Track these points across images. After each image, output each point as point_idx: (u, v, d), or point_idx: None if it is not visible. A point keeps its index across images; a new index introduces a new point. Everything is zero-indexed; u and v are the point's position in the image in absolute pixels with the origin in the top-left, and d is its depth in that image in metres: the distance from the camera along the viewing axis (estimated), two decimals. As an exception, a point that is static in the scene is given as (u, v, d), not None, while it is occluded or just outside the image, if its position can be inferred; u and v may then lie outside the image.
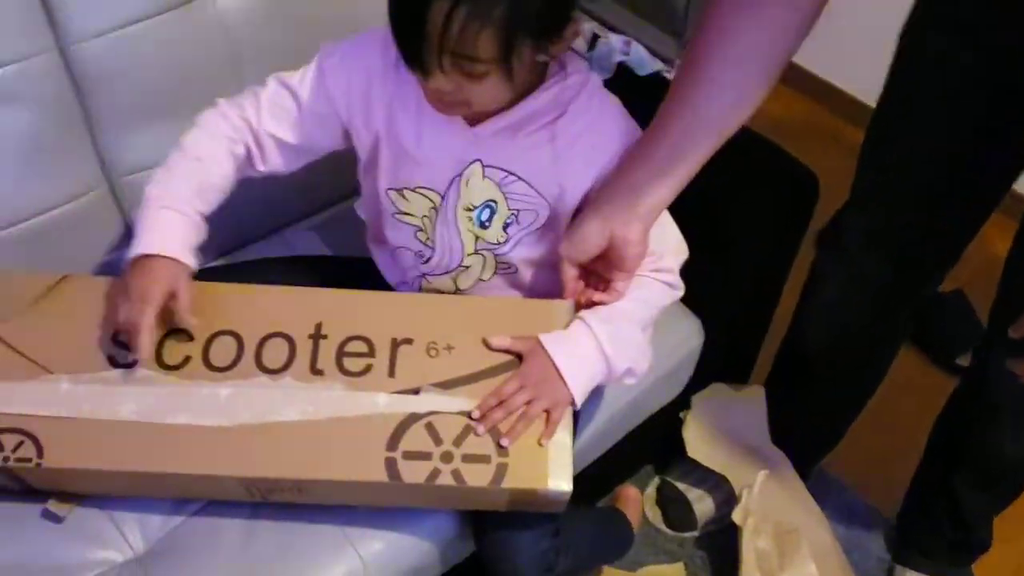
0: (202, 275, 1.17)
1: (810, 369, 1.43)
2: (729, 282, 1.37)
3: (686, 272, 1.19)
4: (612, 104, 1.04)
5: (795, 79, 2.37)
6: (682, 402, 1.47)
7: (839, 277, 1.30)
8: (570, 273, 1.00)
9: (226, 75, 1.22)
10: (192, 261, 0.98)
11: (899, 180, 1.16)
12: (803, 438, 1.54)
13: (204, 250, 1.29)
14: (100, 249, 1.22)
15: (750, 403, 1.52)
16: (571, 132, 1.00)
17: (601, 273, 1.01)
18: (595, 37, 1.50)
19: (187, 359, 0.98)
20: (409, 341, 0.99)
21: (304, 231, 1.39)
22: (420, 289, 1.13)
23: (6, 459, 0.93)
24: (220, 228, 1.29)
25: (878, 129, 1.18)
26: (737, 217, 1.32)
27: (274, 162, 1.07)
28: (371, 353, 0.98)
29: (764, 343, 1.56)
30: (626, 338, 1.01)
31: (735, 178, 1.32)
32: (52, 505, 1.01)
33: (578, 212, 1.02)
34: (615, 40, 1.48)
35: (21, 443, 0.93)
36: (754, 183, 1.31)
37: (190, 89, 1.20)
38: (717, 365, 1.46)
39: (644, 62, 1.46)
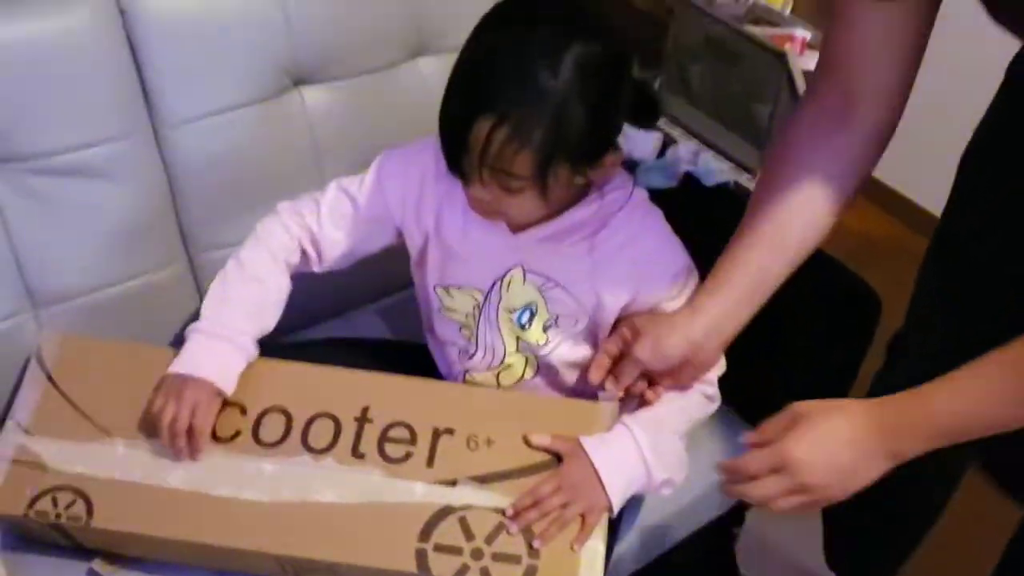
0: (265, 351, 1.22)
1: (867, 495, 1.38)
2: (788, 398, 1.35)
3: (746, 386, 1.18)
4: (655, 221, 1.06)
5: (878, 195, 2.36)
6: (736, 517, 1.44)
7: None
8: (629, 373, 0.99)
9: (307, 165, 1.29)
10: (230, 386, 1.02)
11: (962, 299, 1.14)
12: (860, 565, 1.48)
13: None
14: (173, 320, 1.27)
15: (806, 524, 1.47)
16: (610, 246, 1.02)
17: (650, 376, 1.01)
18: (665, 144, 1.53)
19: (237, 432, 1.01)
20: (451, 432, 1.01)
21: (368, 314, 1.43)
22: (465, 383, 1.14)
23: (58, 516, 0.97)
24: (287, 308, 1.35)
25: (939, 247, 1.17)
26: (797, 332, 1.30)
27: (331, 262, 1.13)
28: (412, 441, 1.00)
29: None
30: (667, 447, 1.00)
31: (797, 294, 1.31)
32: (97, 564, 1.04)
33: (616, 324, 1.05)
34: (683, 150, 1.51)
35: (74, 501, 0.97)
36: (816, 300, 1.30)
37: (272, 176, 1.27)
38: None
39: (711, 173, 1.48)
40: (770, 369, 1.32)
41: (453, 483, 0.97)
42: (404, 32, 1.32)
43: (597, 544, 0.95)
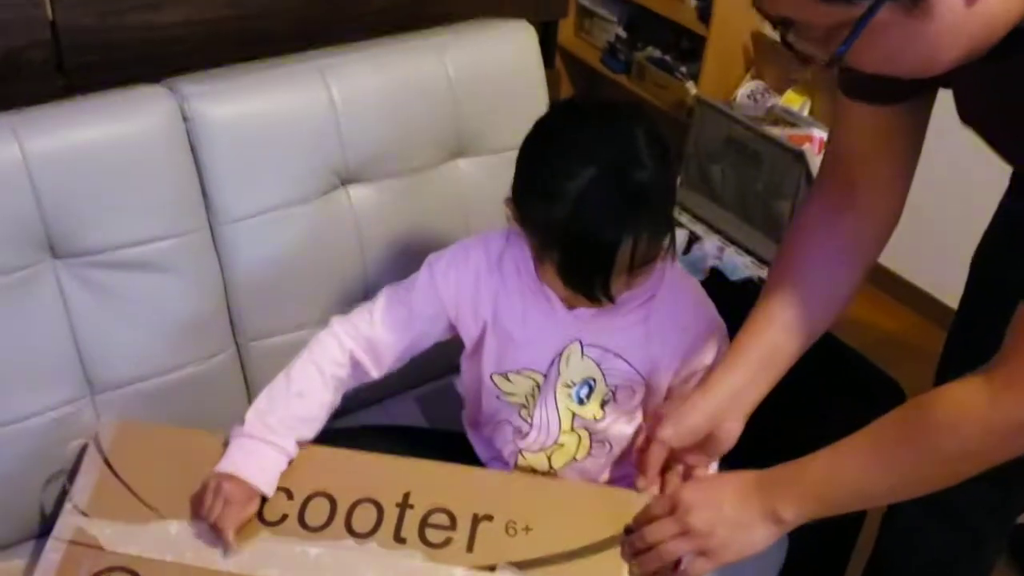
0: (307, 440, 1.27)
1: (893, 583, 1.40)
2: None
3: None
4: (693, 285, 1.13)
5: (906, 294, 2.40)
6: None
7: (919, 502, 1.29)
8: (656, 457, 1.02)
9: (352, 258, 1.36)
10: (269, 488, 1.07)
11: None
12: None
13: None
14: (222, 405, 1.32)
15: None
16: (662, 311, 1.07)
17: (680, 458, 1.05)
18: (691, 242, 1.59)
19: (284, 517, 1.05)
20: (490, 518, 1.04)
21: (405, 402, 1.47)
22: (515, 465, 1.17)
23: None
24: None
25: (950, 347, 1.21)
26: (820, 425, 1.33)
27: (387, 367, 1.16)
28: (452, 526, 1.03)
29: (854, 552, 1.52)
30: None
31: (819, 387, 1.35)
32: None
33: (668, 393, 1.09)
34: (709, 246, 1.57)
35: None
36: (838, 392, 1.34)
37: (319, 268, 1.34)
38: (804, 567, 1.44)
39: (736, 268, 1.53)
40: (784, 456, 1.35)
41: (492, 568, 1.01)
42: (444, 136, 1.40)
43: None
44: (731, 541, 0.94)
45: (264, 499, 1.07)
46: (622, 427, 1.14)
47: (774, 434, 1.30)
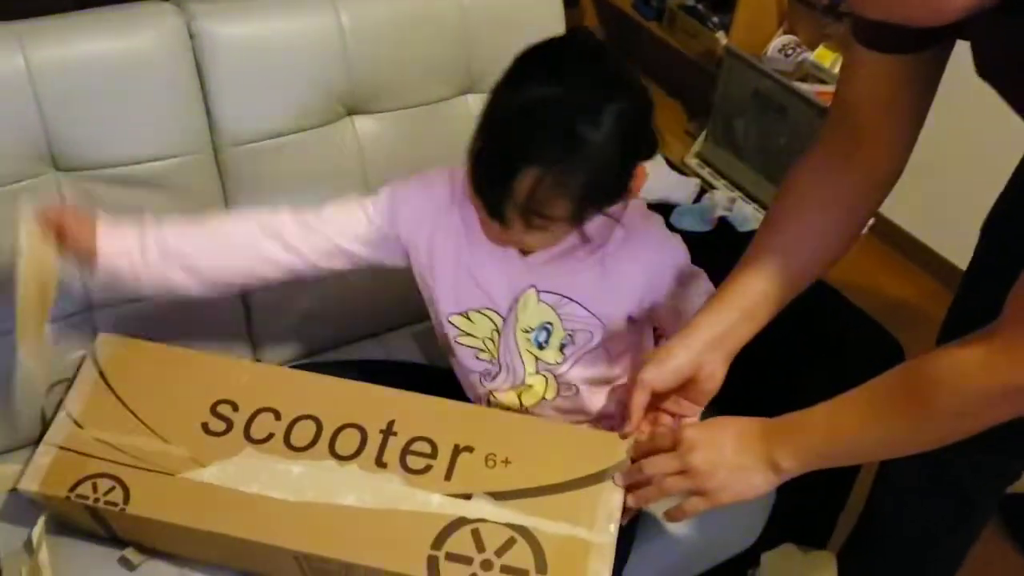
0: (303, 368, 1.28)
1: (883, 542, 1.40)
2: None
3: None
4: (653, 222, 1.11)
5: (926, 259, 2.37)
6: (751, 558, 1.45)
7: (914, 462, 1.28)
8: (639, 401, 1.02)
9: (356, 186, 1.35)
10: (105, 229, 1.06)
11: None
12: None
13: (309, 345, 1.41)
14: (215, 325, 1.34)
15: (820, 569, 1.48)
16: (620, 254, 1.07)
17: (664, 406, 1.05)
18: (702, 191, 1.57)
19: (270, 435, 1.07)
20: (470, 449, 1.05)
21: (402, 337, 1.48)
22: (489, 405, 1.19)
23: (96, 500, 1.03)
24: (324, 326, 1.42)
25: (956, 311, 1.19)
26: (819, 380, 1.32)
27: (322, 259, 1.13)
28: (433, 455, 1.04)
29: (844, 510, 1.53)
30: None
31: (820, 341, 1.34)
32: (129, 553, 1.10)
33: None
34: (719, 196, 1.55)
35: (112, 488, 1.03)
36: (837, 348, 1.33)
37: (323, 194, 1.32)
38: (791, 526, 1.44)
39: (746, 219, 1.51)
40: (779, 403, 1.34)
41: (469, 496, 1.01)
42: (454, 70, 1.38)
43: (602, 567, 0.98)
44: (730, 483, 0.95)
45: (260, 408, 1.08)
46: (584, 370, 1.14)
47: (770, 387, 1.30)
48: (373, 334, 1.48)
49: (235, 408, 1.09)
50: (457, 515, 1.00)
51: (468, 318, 1.13)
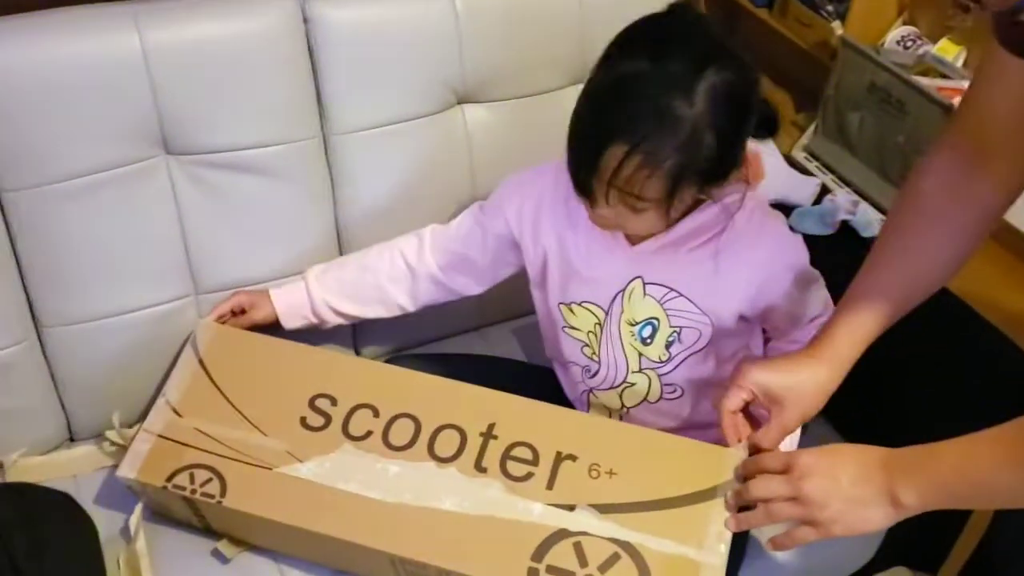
0: (402, 359, 1.26)
1: (1001, 573, 1.31)
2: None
3: (880, 441, 1.13)
4: (774, 220, 1.06)
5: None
6: (862, 580, 1.39)
7: None
8: (733, 404, 0.98)
9: (463, 176, 1.33)
10: (285, 308, 1.19)
11: None
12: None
13: (410, 338, 1.39)
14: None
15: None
16: (734, 248, 1.02)
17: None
18: (824, 191, 1.50)
19: (368, 433, 1.05)
20: (573, 458, 1.01)
21: (503, 331, 1.45)
22: (588, 404, 1.15)
23: (193, 491, 1.02)
24: (426, 319, 1.39)
25: None
26: (947, 398, 1.25)
27: (471, 282, 1.19)
28: (535, 462, 1.01)
29: (963, 534, 1.44)
30: None
31: (951, 359, 1.26)
32: (222, 545, 1.10)
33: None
34: (842, 198, 1.47)
35: (209, 480, 1.03)
36: (970, 366, 1.25)
37: (428, 189, 1.31)
38: (903, 547, 1.37)
39: (870, 224, 1.43)
40: (915, 434, 1.27)
41: (572, 508, 0.98)
42: (569, 59, 1.34)
43: None
44: (844, 516, 0.88)
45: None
46: (690, 371, 1.09)
47: (885, 404, 1.23)
48: (475, 328, 1.45)
49: (334, 403, 1.07)
50: (559, 526, 0.97)
51: (572, 311, 1.10)
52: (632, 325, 1.07)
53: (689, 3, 0.96)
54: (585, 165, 0.92)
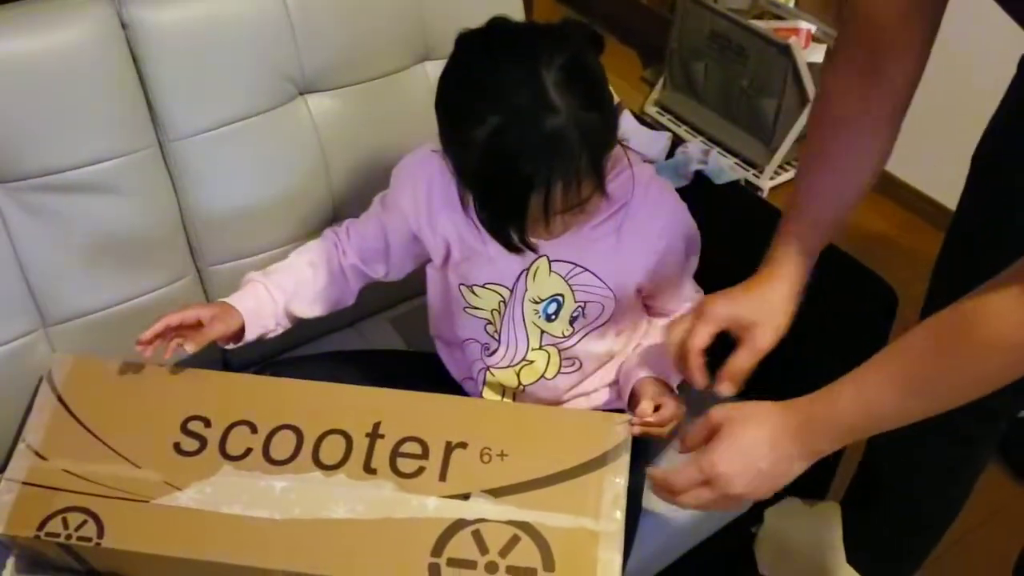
0: (275, 365, 1.22)
1: (885, 490, 1.38)
2: (804, 394, 1.34)
3: (761, 382, 1.16)
4: (668, 191, 1.08)
5: (893, 190, 2.34)
6: (754, 516, 1.43)
7: None
8: (701, 342, 0.98)
9: (317, 174, 1.28)
10: (252, 317, 1.10)
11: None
12: (879, 561, 1.47)
13: (281, 342, 1.34)
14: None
15: (825, 520, 1.46)
16: (634, 221, 1.03)
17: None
18: (674, 145, 1.52)
19: (248, 451, 1.01)
20: (464, 445, 1.00)
21: (379, 323, 1.42)
22: (484, 383, 1.14)
23: (68, 537, 0.96)
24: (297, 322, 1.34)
25: (950, 246, 1.16)
26: (813, 329, 1.29)
27: (387, 271, 1.17)
28: (424, 455, 0.99)
29: (842, 459, 1.51)
30: None
31: (812, 290, 1.30)
32: (108, 586, 1.04)
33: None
34: (693, 149, 1.49)
35: (84, 522, 0.97)
36: (832, 296, 1.29)
37: (281, 186, 1.26)
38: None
39: (722, 172, 1.46)
40: (786, 367, 1.31)
41: (466, 496, 0.97)
42: (409, 38, 1.31)
43: (613, 555, 0.95)
44: (771, 485, 0.90)
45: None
46: (591, 344, 1.10)
47: (799, 365, 1.26)
48: (349, 324, 1.42)
49: (207, 424, 1.03)
50: (456, 517, 0.95)
51: (474, 292, 1.09)
52: (536, 303, 1.07)
53: (466, 33, 0.94)
54: (511, 218, 0.90)
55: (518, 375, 1.12)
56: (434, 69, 1.34)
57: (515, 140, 0.85)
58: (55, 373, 1.08)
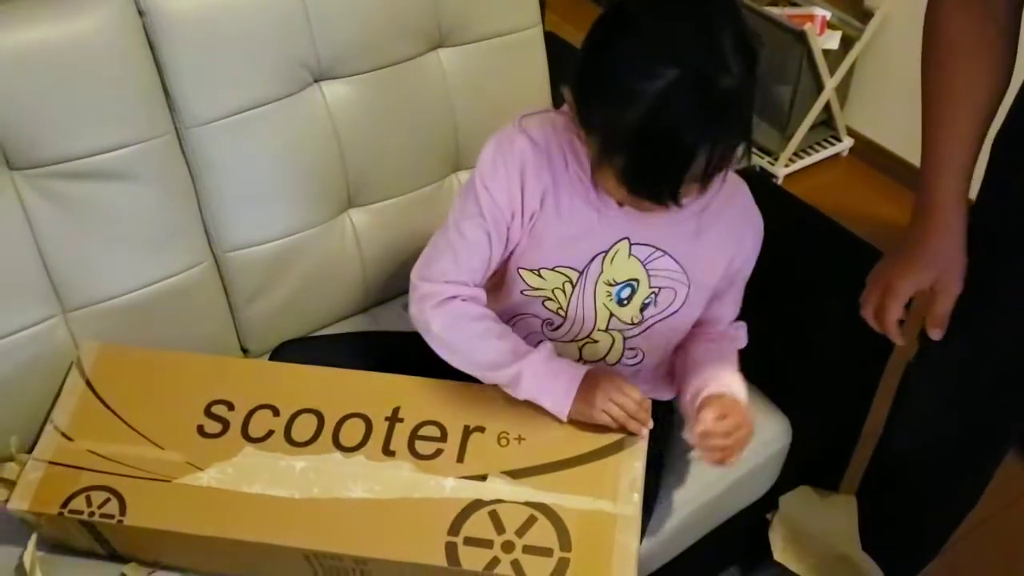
0: (292, 346, 1.22)
1: (902, 479, 1.37)
2: (818, 383, 1.34)
3: (775, 370, 1.16)
4: (744, 185, 1.06)
5: (912, 179, 2.32)
6: (769, 503, 1.43)
7: (930, 394, 1.25)
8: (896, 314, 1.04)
9: (332, 161, 1.29)
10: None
11: (996, 289, 1.12)
12: (897, 549, 1.46)
13: (297, 328, 1.35)
14: (201, 320, 1.28)
15: (840, 509, 1.46)
16: (715, 205, 1.01)
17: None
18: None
19: (270, 432, 1.02)
20: (481, 429, 1.01)
21: (393, 308, 1.42)
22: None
23: (91, 514, 0.98)
24: (311, 306, 1.36)
25: (972, 234, 1.15)
26: (828, 317, 1.29)
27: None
28: (443, 438, 1.00)
29: (857, 448, 1.50)
30: None
31: (828, 279, 1.30)
32: (129, 569, 1.06)
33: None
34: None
35: (107, 500, 0.99)
36: (848, 285, 1.29)
37: (296, 173, 1.27)
38: (806, 468, 1.42)
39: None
40: (801, 355, 1.31)
41: (483, 478, 0.97)
42: (423, 24, 1.31)
43: (630, 538, 0.95)
44: None
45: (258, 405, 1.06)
46: (657, 338, 1.09)
47: (782, 329, 1.26)
48: (363, 310, 1.42)
49: (230, 408, 1.04)
50: (473, 498, 0.96)
51: (539, 275, 1.05)
52: (611, 285, 1.04)
53: None
54: (670, 178, 0.86)
55: (580, 350, 1.10)
56: (447, 57, 1.35)
57: (691, 97, 0.82)
58: (84, 359, 1.11)
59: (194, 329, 1.27)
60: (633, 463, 0.97)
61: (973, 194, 1.13)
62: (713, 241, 1.03)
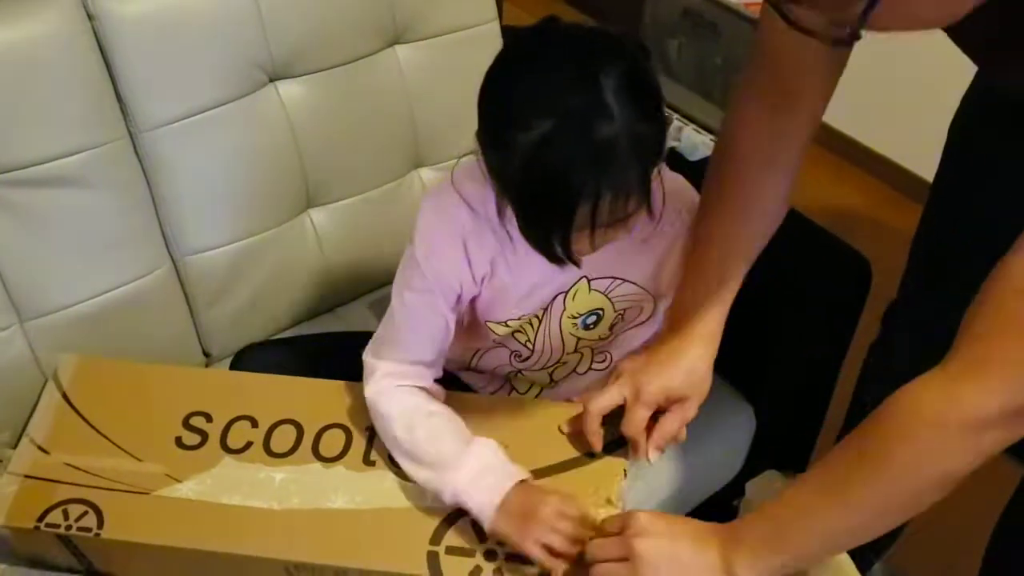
0: (255, 349, 1.20)
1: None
2: (781, 369, 1.36)
3: (741, 360, 1.17)
4: (685, 186, 1.04)
5: (868, 162, 2.37)
6: (736, 490, 1.45)
7: (888, 379, 1.27)
8: (641, 418, 0.95)
9: (290, 162, 1.27)
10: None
11: (957, 267, 1.14)
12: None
13: (261, 331, 1.33)
14: (161, 325, 1.26)
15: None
16: (664, 221, 0.99)
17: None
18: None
19: (249, 444, 1.01)
20: None
21: (357, 308, 1.41)
22: (509, 381, 1.13)
23: (68, 528, 0.96)
24: (274, 309, 1.33)
25: (928, 220, 1.17)
26: (789, 304, 1.31)
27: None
28: None
29: (821, 432, 1.53)
30: None
31: (787, 265, 1.32)
32: (108, 588, 1.04)
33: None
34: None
35: (85, 513, 0.97)
36: (806, 270, 1.31)
37: (254, 175, 1.25)
38: (772, 454, 1.44)
39: (696, 148, 1.47)
40: (763, 342, 1.33)
41: None
42: (379, 21, 1.29)
43: None
44: None
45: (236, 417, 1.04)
46: (628, 341, 1.09)
47: (741, 315, 1.28)
48: (328, 309, 1.41)
49: (209, 419, 1.03)
50: (454, 507, 0.95)
51: (506, 325, 1.03)
52: (575, 318, 1.03)
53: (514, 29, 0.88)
54: (556, 229, 0.83)
55: (551, 374, 1.11)
56: (406, 52, 1.34)
57: (567, 146, 0.79)
58: (61, 372, 1.09)
59: (155, 334, 1.25)
60: (616, 469, 0.98)
61: (928, 173, 1.16)
62: (666, 251, 1.01)
